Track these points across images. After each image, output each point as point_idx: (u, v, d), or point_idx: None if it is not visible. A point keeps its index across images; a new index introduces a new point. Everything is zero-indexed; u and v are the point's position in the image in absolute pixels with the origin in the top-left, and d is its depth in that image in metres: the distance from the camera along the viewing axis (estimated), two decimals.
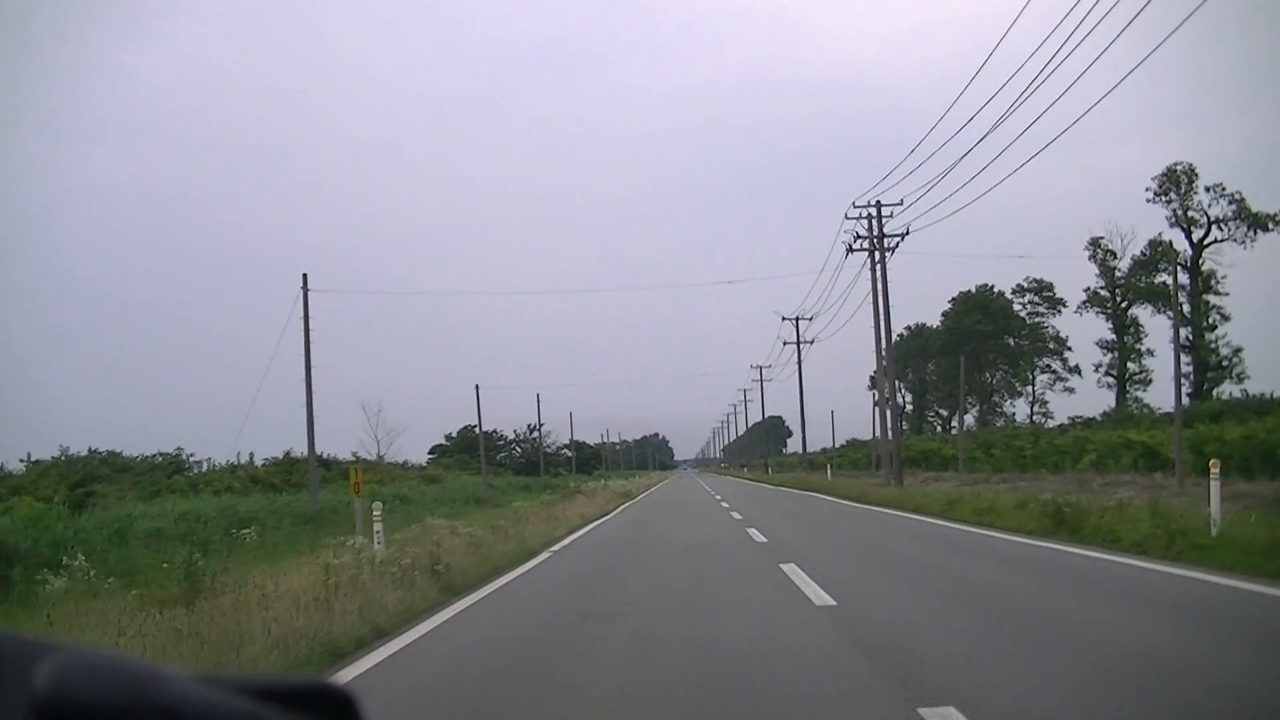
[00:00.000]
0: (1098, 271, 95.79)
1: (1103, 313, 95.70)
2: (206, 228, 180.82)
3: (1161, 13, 18.62)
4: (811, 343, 69.14)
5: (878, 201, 43.71)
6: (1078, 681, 6.52)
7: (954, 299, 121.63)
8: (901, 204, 43.29)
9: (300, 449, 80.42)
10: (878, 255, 44.64)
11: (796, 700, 6.40)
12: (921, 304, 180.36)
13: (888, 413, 47.12)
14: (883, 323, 44.87)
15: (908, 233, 43.01)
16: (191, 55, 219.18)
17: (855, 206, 44.12)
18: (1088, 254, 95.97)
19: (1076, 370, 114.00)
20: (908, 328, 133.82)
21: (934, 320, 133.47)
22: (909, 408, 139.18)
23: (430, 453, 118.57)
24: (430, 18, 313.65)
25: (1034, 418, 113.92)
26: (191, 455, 70.70)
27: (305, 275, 42.92)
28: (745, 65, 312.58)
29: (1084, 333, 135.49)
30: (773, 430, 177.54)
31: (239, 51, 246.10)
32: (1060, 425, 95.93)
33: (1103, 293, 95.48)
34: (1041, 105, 63.79)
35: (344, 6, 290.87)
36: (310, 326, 42.42)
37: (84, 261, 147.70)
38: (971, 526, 18.94)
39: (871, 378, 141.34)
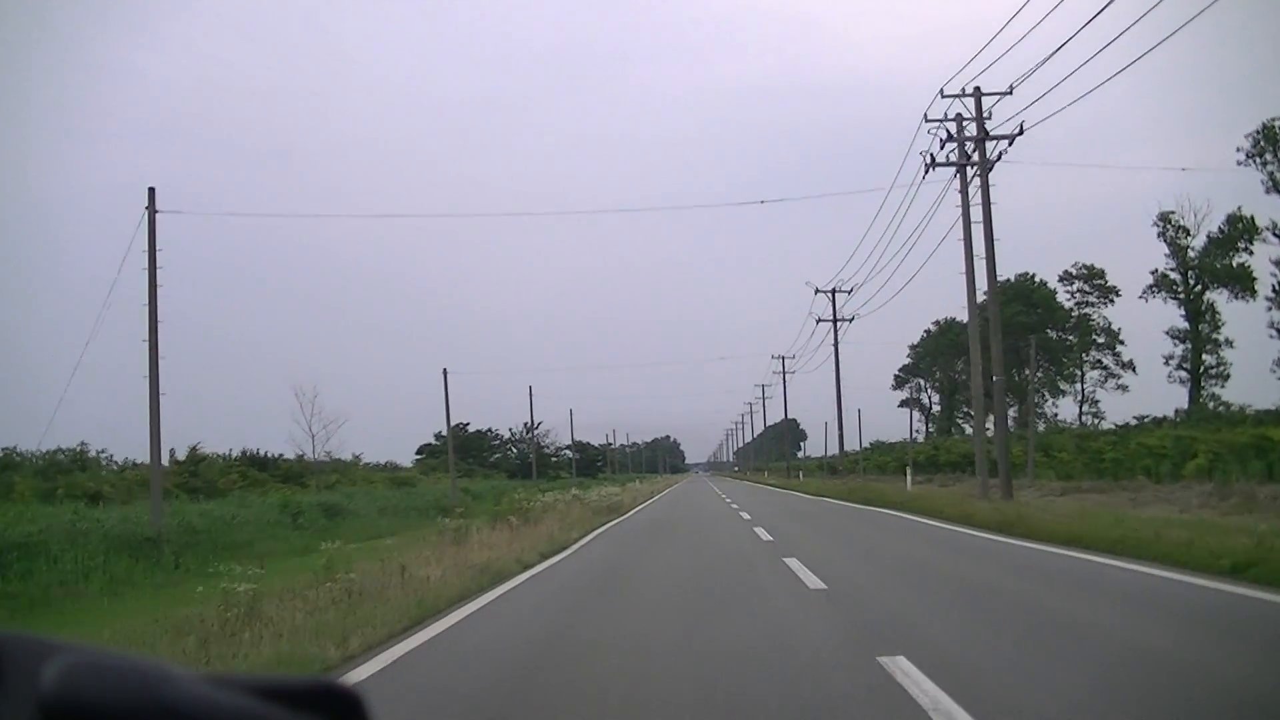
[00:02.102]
0: (1167, 251, 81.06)
1: (1173, 298, 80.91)
2: (216, 229, 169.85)
3: None
4: (851, 320, 54.60)
5: (977, 89, 29.24)
6: None
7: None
8: (1010, 93, 28.88)
9: (232, 442, 66.00)
10: (972, 171, 30.26)
11: None
12: (950, 296, 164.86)
13: (984, 394, 32.61)
14: (984, 262, 30.44)
15: (1021, 132, 28.54)
16: (203, 55, 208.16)
17: (944, 97, 29.65)
18: (1156, 230, 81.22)
19: (1130, 366, 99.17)
20: (936, 322, 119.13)
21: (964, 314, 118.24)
22: (935, 409, 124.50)
23: (418, 453, 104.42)
24: (444, 20, 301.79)
25: (1084, 418, 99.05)
26: (102, 451, 57.04)
27: (152, 190, 28.90)
28: (761, 69, 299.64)
29: (1141, 324, 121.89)
30: (787, 433, 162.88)
31: (251, 52, 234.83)
32: (1124, 425, 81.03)
33: (1172, 275, 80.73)
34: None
35: (357, 7, 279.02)
36: (158, 261, 28.39)
37: (90, 261, 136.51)
38: None
39: (897, 375, 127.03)
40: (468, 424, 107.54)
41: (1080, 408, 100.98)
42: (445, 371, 54.46)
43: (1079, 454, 65.32)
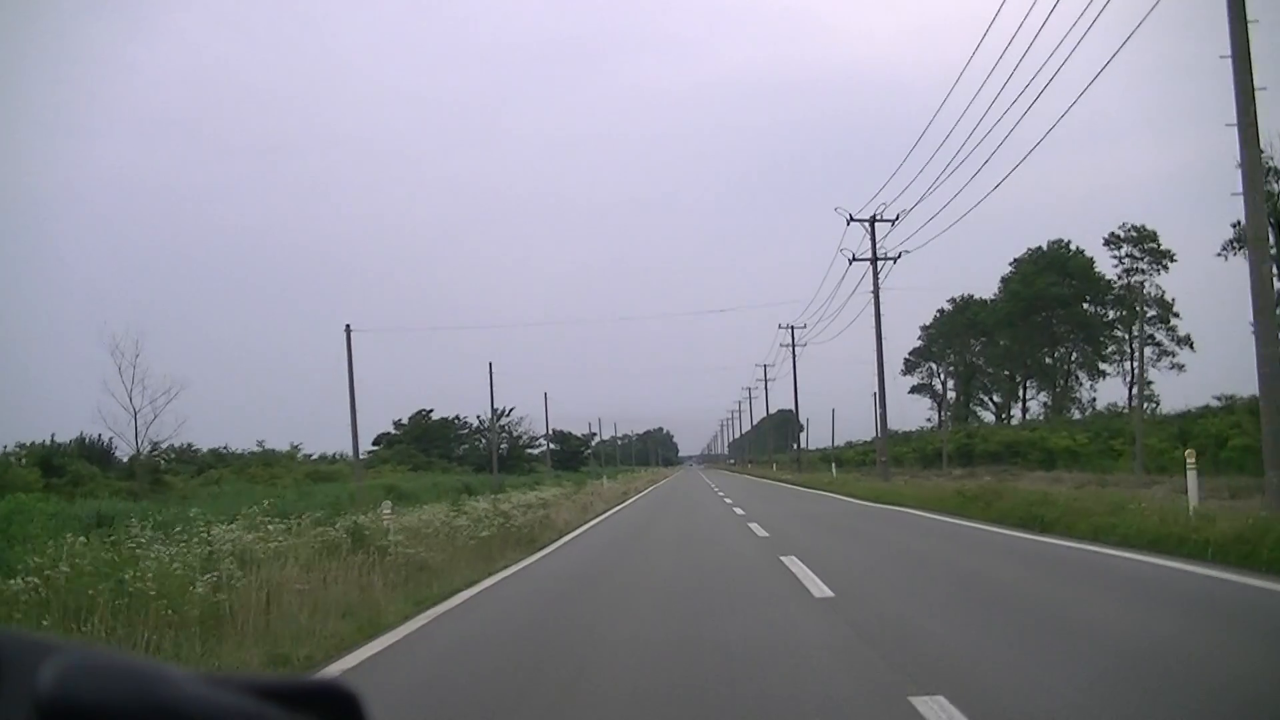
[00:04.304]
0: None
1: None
2: (209, 226, 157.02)
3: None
4: (897, 259, 38.28)
5: None
6: None
7: (1017, 260, 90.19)
8: None
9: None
10: None
11: None
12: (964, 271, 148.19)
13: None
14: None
15: None
16: (195, 51, 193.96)
17: None
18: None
19: (1188, 342, 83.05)
20: (951, 301, 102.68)
21: (981, 292, 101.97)
22: (951, 395, 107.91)
23: (375, 443, 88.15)
24: (436, 17, 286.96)
25: (1134, 401, 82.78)
26: None
27: None
28: (754, 64, 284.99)
29: (1199, 295, 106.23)
30: (782, 424, 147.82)
31: (243, 48, 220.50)
32: (1204, 408, 64.89)
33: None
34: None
35: (350, 5, 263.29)
36: None
37: (85, 258, 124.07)
38: None
39: (907, 359, 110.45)
40: (430, 410, 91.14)
41: (1130, 390, 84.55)
42: (348, 329, 38.19)
43: (1174, 441, 49.06)
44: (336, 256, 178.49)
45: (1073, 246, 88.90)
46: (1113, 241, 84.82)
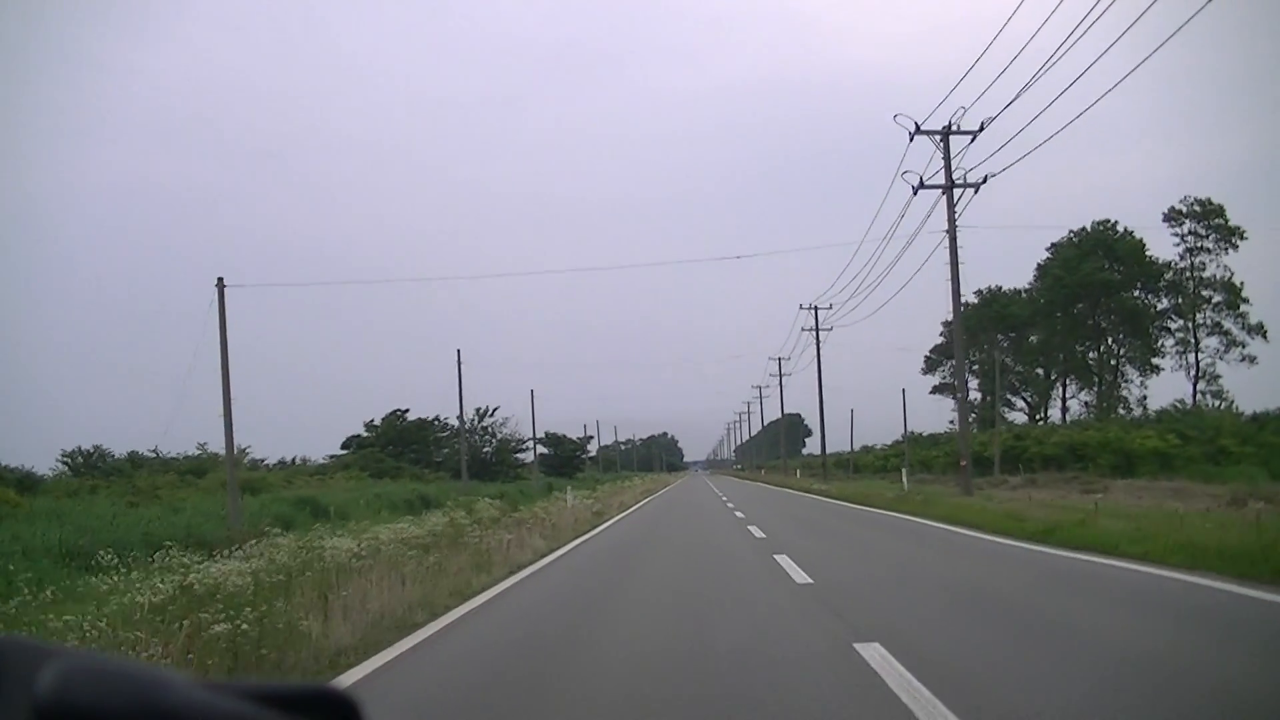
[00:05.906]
0: None
1: None
2: (211, 229, 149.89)
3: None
4: (979, 186, 26.34)
5: None
6: None
7: (1056, 244, 77.92)
8: None
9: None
10: None
11: None
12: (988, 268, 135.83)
13: None
14: None
15: None
16: (201, 56, 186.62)
17: None
18: None
19: (1260, 331, 70.90)
20: (978, 293, 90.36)
21: (1012, 284, 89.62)
22: (975, 395, 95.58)
23: (343, 446, 76.39)
24: (442, 20, 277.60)
25: (1199, 396, 70.60)
26: None
27: None
28: (761, 67, 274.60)
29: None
30: (789, 428, 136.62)
31: (249, 53, 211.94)
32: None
33: None
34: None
35: (356, 7, 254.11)
36: None
37: (88, 260, 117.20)
38: None
39: (928, 357, 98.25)
40: (405, 410, 79.16)
41: (1195, 384, 71.99)
42: (220, 282, 26.35)
43: None
44: (334, 253, 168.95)
45: (1120, 227, 76.42)
46: (1173, 217, 72.29)
